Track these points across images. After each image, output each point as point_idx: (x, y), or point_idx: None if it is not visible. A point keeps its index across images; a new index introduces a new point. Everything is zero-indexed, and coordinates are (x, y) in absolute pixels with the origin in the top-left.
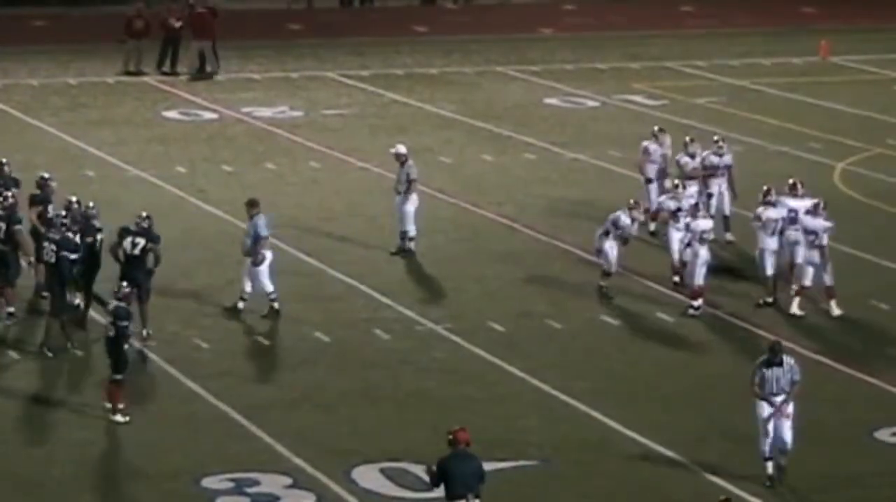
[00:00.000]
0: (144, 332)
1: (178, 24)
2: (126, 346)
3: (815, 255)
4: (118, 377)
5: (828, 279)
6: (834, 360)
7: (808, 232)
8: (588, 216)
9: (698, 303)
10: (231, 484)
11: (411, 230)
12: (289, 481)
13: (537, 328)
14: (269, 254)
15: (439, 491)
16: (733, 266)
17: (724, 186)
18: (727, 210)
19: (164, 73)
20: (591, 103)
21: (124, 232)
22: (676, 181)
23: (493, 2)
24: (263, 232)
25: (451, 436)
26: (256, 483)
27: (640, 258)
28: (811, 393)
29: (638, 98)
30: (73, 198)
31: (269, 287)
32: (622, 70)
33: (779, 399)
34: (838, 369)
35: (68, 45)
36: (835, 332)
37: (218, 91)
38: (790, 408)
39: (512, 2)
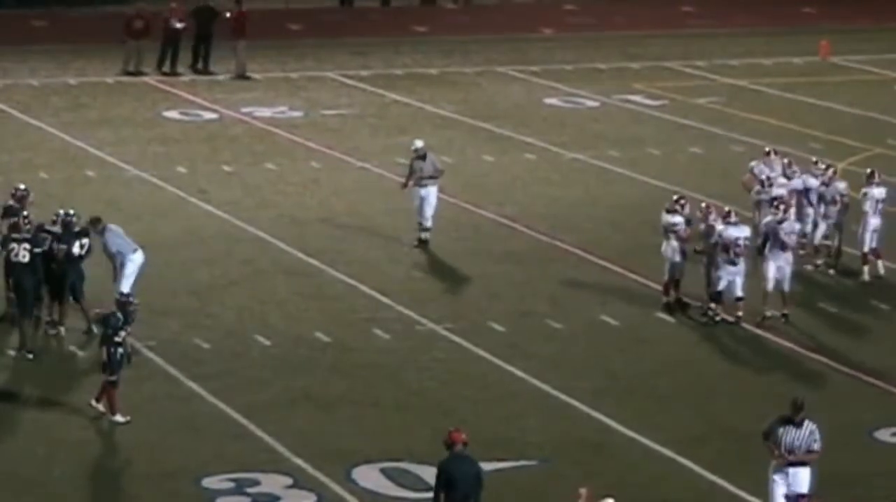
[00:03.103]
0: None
1: (178, 25)
2: (120, 350)
3: (878, 221)
4: (112, 379)
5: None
6: (834, 360)
7: (878, 201)
8: (588, 216)
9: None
10: (231, 484)
11: (430, 222)
12: (289, 481)
13: (537, 328)
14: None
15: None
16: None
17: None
18: None
19: (165, 74)
20: (590, 103)
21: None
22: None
23: (494, 2)
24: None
25: (446, 438)
26: (257, 483)
27: (641, 258)
28: (811, 393)
29: (638, 98)
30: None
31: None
32: (622, 70)
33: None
34: (838, 369)
35: (68, 45)
36: (835, 332)
37: (218, 91)
38: (805, 481)
39: (512, 2)
